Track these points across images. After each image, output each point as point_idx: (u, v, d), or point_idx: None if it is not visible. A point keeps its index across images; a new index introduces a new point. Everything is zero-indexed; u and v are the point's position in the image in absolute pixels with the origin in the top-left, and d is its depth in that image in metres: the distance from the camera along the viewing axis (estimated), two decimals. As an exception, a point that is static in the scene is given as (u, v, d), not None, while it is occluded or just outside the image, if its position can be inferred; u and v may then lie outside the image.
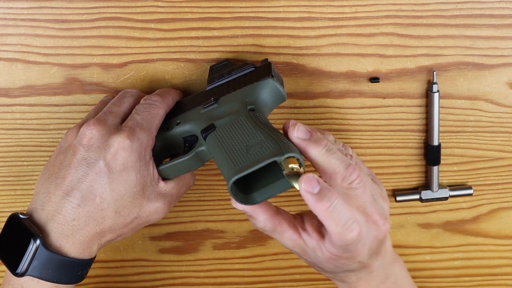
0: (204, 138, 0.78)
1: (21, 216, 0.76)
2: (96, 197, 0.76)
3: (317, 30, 0.87)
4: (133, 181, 0.77)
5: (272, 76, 0.80)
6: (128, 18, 0.86)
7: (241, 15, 0.86)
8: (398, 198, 0.93)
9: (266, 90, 0.80)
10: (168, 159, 0.84)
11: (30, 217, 0.77)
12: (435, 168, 0.91)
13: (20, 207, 0.93)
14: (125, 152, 0.77)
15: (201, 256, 0.96)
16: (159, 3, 0.85)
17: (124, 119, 0.80)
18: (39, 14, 0.85)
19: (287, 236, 0.77)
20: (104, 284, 0.97)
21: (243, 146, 0.74)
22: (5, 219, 0.92)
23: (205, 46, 0.87)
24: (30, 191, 0.92)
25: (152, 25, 0.86)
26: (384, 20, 0.86)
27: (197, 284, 0.98)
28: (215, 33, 0.86)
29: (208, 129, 0.78)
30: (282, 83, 0.82)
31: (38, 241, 0.74)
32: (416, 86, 0.89)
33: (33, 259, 0.74)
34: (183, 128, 0.81)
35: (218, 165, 0.76)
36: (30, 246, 0.74)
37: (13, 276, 0.75)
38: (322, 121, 0.90)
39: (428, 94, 0.89)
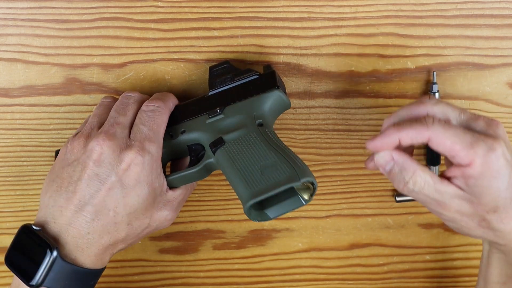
0: (213, 152, 0.79)
1: (34, 227, 0.76)
2: (109, 211, 0.77)
3: (317, 30, 0.87)
4: (145, 194, 0.78)
5: (278, 87, 0.81)
6: (128, 18, 0.86)
7: (241, 15, 0.86)
8: (398, 199, 0.93)
9: (272, 102, 0.81)
10: (170, 162, 0.84)
11: (42, 228, 0.77)
12: (435, 168, 0.91)
13: (20, 207, 0.93)
14: (137, 167, 0.77)
15: (201, 256, 0.96)
16: (159, 3, 0.85)
17: (130, 127, 0.80)
18: (39, 14, 0.85)
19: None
20: (104, 284, 0.97)
21: (257, 167, 0.75)
22: (5, 219, 0.93)
23: (205, 46, 0.87)
24: (30, 191, 0.92)
25: (152, 25, 0.86)
26: (384, 20, 0.86)
27: (197, 284, 0.98)
28: (215, 33, 0.86)
29: (217, 144, 0.78)
30: (285, 90, 0.83)
31: (55, 253, 0.74)
32: (416, 86, 0.89)
33: (49, 271, 0.74)
34: (188, 137, 0.81)
35: (230, 182, 0.77)
36: (47, 258, 0.74)
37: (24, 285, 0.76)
38: (322, 121, 0.90)
39: (428, 94, 0.89)
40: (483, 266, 0.85)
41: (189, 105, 0.84)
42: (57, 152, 0.84)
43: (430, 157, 0.90)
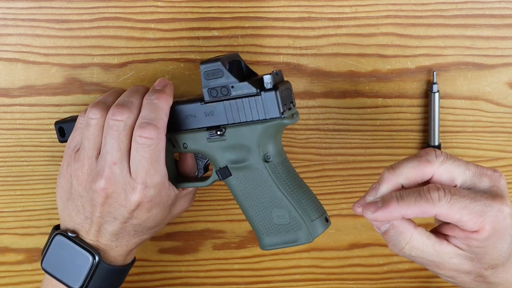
0: (220, 177, 0.79)
1: (70, 234, 0.80)
2: (131, 231, 0.81)
3: (317, 30, 0.87)
4: (161, 211, 0.81)
5: (283, 115, 0.75)
6: (128, 18, 0.86)
7: (241, 15, 0.86)
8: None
9: (277, 130, 0.77)
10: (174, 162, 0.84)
11: (77, 236, 0.81)
12: (435, 168, 0.91)
13: (20, 207, 0.93)
14: (146, 204, 0.79)
15: (201, 256, 0.96)
16: (159, 3, 0.85)
17: (128, 155, 0.77)
18: (39, 14, 0.85)
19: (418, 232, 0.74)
20: (104, 284, 0.97)
21: (268, 211, 0.77)
22: (5, 219, 0.93)
23: (205, 46, 0.87)
24: (30, 191, 0.92)
25: (152, 25, 0.86)
26: (384, 20, 0.86)
27: (197, 284, 0.97)
28: (215, 33, 0.86)
29: (224, 174, 0.78)
30: (290, 101, 0.77)
31: (97, 258, 0.79)
32: (416, 86, 0.89)
33: (94, 274, 0.79)
34: (191, 149, 0.80)
35: (241, 209, 0.79)
36: (90, 262, 0.79)
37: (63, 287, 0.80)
38: (322, 121, 0.90)
39: (428, 94, 0.89)
40: None
41: (184, 110, 0.79)
42: (57, 127, 0.84)
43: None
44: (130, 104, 0.77)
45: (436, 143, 0.89)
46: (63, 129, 0.84)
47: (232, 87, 0.76)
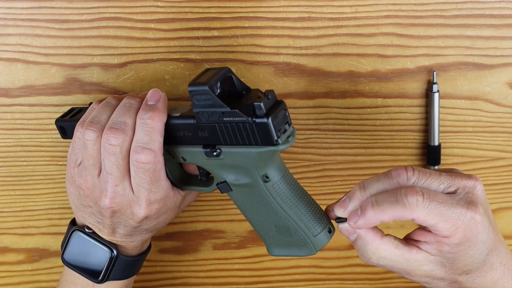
0: (220, 191, 0.78)
1: (87, 230, 0.82)
2: (143, 231, 0.82)
3: (317, 30, 0.87)
4: (170, 213, 0.82)
5: (277, 142, 0.71)
6: (128, 18, 0.86)
7: (241, 15, 0.86)
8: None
9: (273, 153, 0.73)
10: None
11: (93, 232, 0.82)
12: (436, 168, 0.91)
13: (19, 207, 0.93)
14: (153, 215, 0.80)
15: (201, 256, 0.96)
16: (159, 3, 0.85)
17: (129, 174, 0.77)
18: (39, 14, 0.85)
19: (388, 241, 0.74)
20: (104, 284, 0.97)
21: (271, 224, 0.77)
22: (5, 219, 0.93)
23: (205, 46, 0.87)
24: (30, 191, 0.92)
25: (152, 25, 0.86)
26: (384, 20, 0.86)
27: (197, 284, 0.97)
28: (215, 33, 0.86)
29: (224, 188, 0.77)
30: (285, 122, 0.72)
31: (115, 252, 0.81)
32: (416, 86, 0.89)
33: (114, 267, 0.82)
34: (190, 162, 0.79)
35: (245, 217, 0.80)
36: (109, 256, 0.81)
37: (84, 280, 0.83)
38: (322, 121, 0.90)
39: (428, 94, 0.89)
40: None
41: (178, 127, 0.76)
42: (58, 125, 0.84)
43: (431, 157, 0.90)
44: (124, 126, 0.76)
45: (436, 143, 0.89)
46: (64, 128, 0.84)
47: (223, 113, 0.72)
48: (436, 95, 0.88)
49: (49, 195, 0.92)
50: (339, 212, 0.74)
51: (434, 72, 0.88)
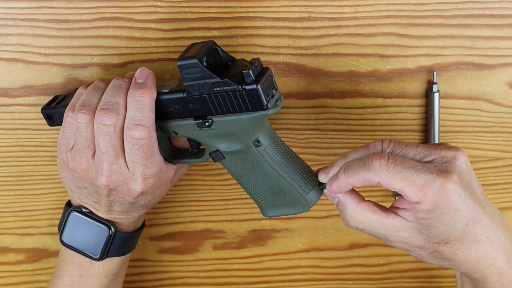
0: (213, 160, 0.80)
1: (84, 210, 0.83)
2: (139, 207, 0.83)
3: (317, 30, 0.87)
4: (164, 188, 0.84)
5: (267, 106, 0.75)
6: (128, 18, 0.86)
7: (241, 15, 0.86)
8: (398, 198, 0.93)
9: (263, 119, 0.77)
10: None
11: (90, 211, 0.83)
12: (435, 168, 0.91)
13: (19, 207, 0.93)
14: (150, 189, 0.81)
15: (201, 256, 0.96)
16: (159, 3, 0.85)
17: (123, 152, 0.79)
18: (39, 14, 0.85)
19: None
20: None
21: (265, 187, 0.79)
22: (5, 219, 0.93)
23: (205, 46, 0.87)
24: (29, 191, 0.92)
25: (152, 25, 0.86)
26: (384, 20, 0.86)
27: (197, 284, 0.98)
28: (215, 33, 0.86)
29: (217, 157, 0.80)
30: (272, 87, 0.76)
31: (113, 229, 0.83)
32: (416, 86, 0.89)
33: (112, 244, 0.83)
34: (182, 135, 0.81)
35: (239, 184, 0.81)
36: (107, 234, 0.83)
37: (82, 258, 0.84)
38: (322, 121, 0.90)
39: (428, 94, 0.89)
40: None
41: (169, 102, 0.79)
42: (44, 113, 0.85)
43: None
44: (116, 106, 0.78)
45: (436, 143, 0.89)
46: (51, 115, 0.85)
47: (213, 83, 0.75)
48: (436, 95, 0.88)
49: (49, 195, 0.92)
50: (321, 177, 0.78)
51: (434, 72, 0.88)
